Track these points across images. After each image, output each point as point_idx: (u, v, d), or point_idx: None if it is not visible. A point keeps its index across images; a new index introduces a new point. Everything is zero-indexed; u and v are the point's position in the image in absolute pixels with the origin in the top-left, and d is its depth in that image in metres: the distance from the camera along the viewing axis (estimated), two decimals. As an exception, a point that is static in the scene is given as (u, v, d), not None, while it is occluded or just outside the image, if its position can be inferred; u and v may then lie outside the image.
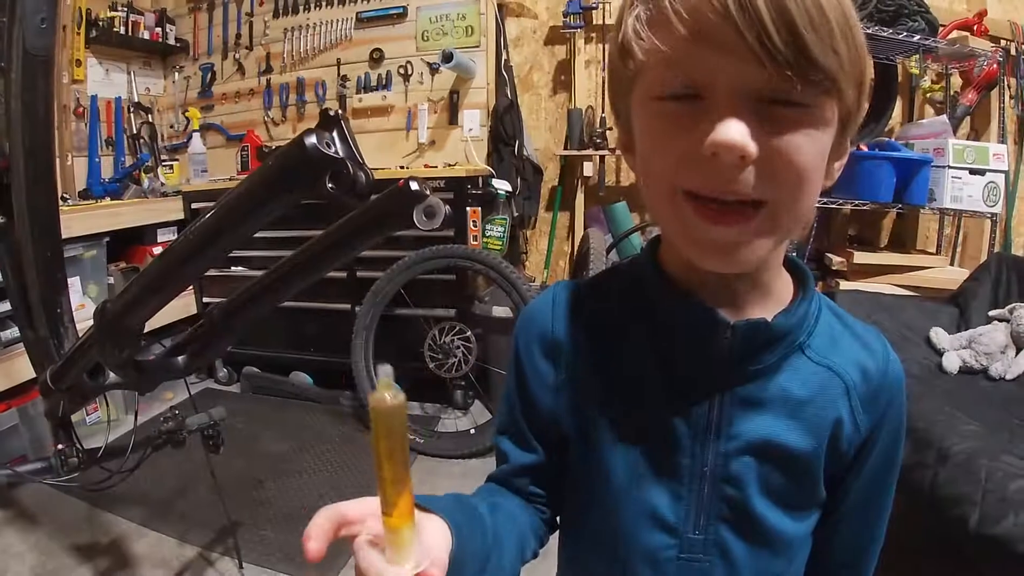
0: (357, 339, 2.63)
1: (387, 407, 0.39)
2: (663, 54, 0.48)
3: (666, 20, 0.46)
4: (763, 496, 0.58)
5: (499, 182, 2.93)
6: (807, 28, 0.43)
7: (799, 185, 0.49)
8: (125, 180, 3.28)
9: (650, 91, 0.51)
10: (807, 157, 0.48)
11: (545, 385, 0.64)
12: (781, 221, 0.50)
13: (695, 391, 0.58)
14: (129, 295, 1.01)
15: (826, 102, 0.48)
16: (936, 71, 2.90)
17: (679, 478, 0.59)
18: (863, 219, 3.10)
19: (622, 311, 0.63)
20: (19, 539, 1.95)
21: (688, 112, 0.48)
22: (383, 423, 0.39)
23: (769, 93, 0.46)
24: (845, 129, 0.52)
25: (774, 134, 0.47)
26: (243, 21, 3.51)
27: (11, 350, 2.26)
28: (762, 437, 0.57)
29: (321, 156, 0.65)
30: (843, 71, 0.46)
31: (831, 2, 0.45)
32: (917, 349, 2.08)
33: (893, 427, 0.61)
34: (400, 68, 3.23)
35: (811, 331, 0.59)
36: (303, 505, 2.11)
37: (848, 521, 0.64)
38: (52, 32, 1.38)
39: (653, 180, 0.53)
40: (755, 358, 0.57)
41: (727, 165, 0.46)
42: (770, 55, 0.43)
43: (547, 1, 3.32)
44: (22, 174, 1.43)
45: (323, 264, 0.92)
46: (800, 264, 0.63)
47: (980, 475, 1.32)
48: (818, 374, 0.58)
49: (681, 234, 0.53)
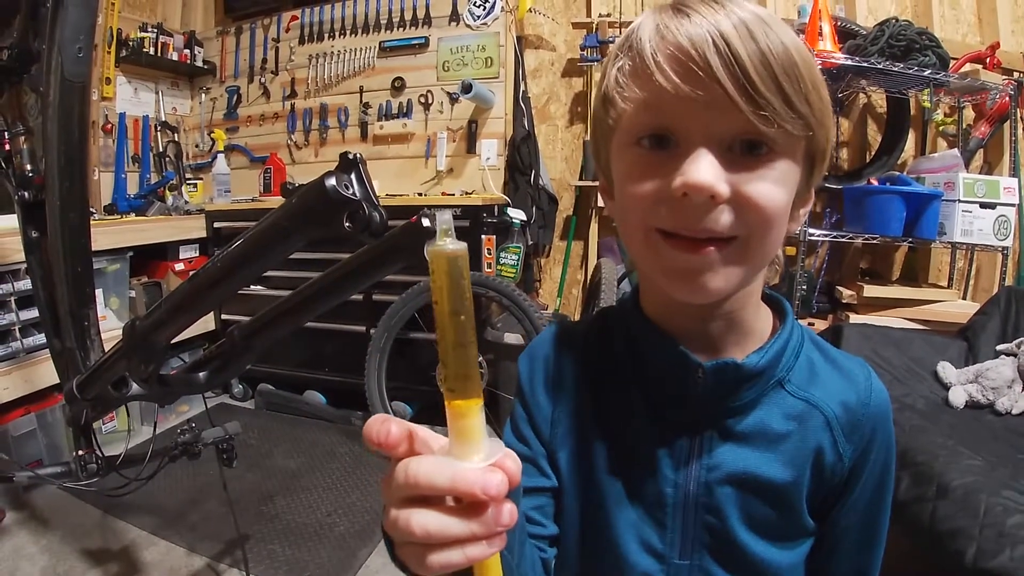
0: (371, 361, 2.67)
1: (449, 252, 0.35)
2: (642, 100, 0.52)
3: (648, 72, 0.50)
4: (744, 526, 0.60)
5: (514, 211, 2.98)
6: (785, 79, 0.48)
7: (766, 225, 0.52)
8: (150, 197, 3.37)
9: (628, 136, 0.54)
10: (774, 200, 0.51)
11: (544, 416, 0.67)
12: (749, 254, 0.53)
13: (677, 425, 0.61)
14: (158, 314, 1.06)
15: (796, 147, 0.52)
16: (949, 104, 2.91)
17: (663, 507, 0.61)
18: (875, 252, 3.10)
19: (614, 352, 0.67)
20: (31, 541, 1.99)
21: (663, 157, 0.52)
22: (444, 273, 0.35)
23: (742, 136, 0.50)
24: (810, 179, 0.57)
25: (743, 178, 0.50)
26: (269, 46, 3.63)
27: (32, 357, 2.32)
28: (741, 469, 0.59)
29: (340, 197, 0.71)
30: (815, 119, 0.51)
31: (804, 60, 0.50)
32: (923, 384, 2.09)
33: (881, 455, 0.62)
34: (421, 97, 3.31)
35: (790, 366, 0.61)
36: (312, 522, 2.14)
37: (841, 551, 0.64)
38: (88, 60, 1.45)
39: (629, 220, 0.56)
40: (733, 395, 0.59)
41: (697, 205, 0.49)
42: (753, 102, 0.47)
43: (565, 34, 3.39)
44: (56, 192, 1.48)
45: (341, 291, 0.97)
46: (777, 298, 0.66)
47: (979, 509, 1.33)
48: (797, 408, 0.60)
49: (655, 266, 0.56)
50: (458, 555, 0.35)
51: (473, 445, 0.35)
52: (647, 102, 0.51)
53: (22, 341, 2.31)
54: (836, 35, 2.52)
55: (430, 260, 0.35)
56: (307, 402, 3.13)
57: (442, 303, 0.35)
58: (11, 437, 2.26)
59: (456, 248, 0.34)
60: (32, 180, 1.60)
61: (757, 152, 0.51)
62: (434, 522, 0.34)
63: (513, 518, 0.35)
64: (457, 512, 0.34)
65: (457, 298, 0.35)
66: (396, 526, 0.35)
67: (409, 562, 0.37)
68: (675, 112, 0.50)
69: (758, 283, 0.61)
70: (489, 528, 0.34)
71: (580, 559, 0.66)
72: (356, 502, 2.26)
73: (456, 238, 0.35)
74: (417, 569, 0.36)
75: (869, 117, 3.08)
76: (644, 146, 0.53)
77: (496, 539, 0.35)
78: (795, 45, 0.50)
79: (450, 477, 0.34)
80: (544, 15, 3.36)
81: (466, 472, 0.34)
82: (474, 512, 0.34)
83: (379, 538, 1.99)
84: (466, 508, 0.35)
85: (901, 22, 2.50)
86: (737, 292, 0.57)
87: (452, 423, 0.35)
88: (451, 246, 0.34)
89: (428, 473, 0.34)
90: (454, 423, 0.35)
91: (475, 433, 0.35)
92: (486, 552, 0.35)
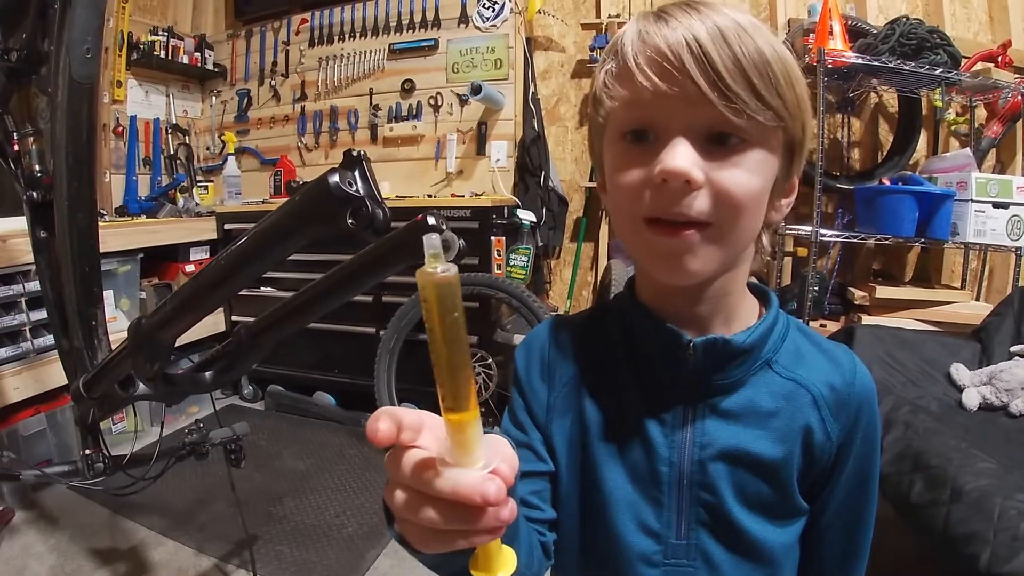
0: (380, 362, 2.68)
1: (438, 279, 0.34)
2: (626, 98, 0.57)
3: (631, 73, 0.55)
4: (739, 502, 0.62)
5: (524, 212, 2.98)
6: (754, 75, 0.52)
7: (739, 210, 0.56)
8: (161, 199, 3.39)
9: (615, 132, 0.59)
10: (746, 187, 0.55)
11: (540, 403, 0.70)
12: (724, 238, 0.57)
13: (670, 403, 0.64)
14: (163, 312, 1.06)
15: (771, 136, 0.56)
16: (960, 103, 2.89)
17: (659, 486, 0.63)
18: (887, 253, 3.08)
19: (608, 338, 0.69)
20: (40, 540, 2.00)
21: (645, 149, 0.56)
22: (435, 299, 0.34)
23: (714, 128, 0.54)
24: (790, 169, 0.61)
25: (717, 166, 0.54)
26: (279, 49, 3.64)
27: (42, 357, 2.34)
28: (733, 445, 0.62)
29: (343, 194, 0.70)
30: (787, 112, 0.55)
31: (775, 57, 0.54)
32: (937, 386, 2.06)
33: (867, 436, 0.65)
34: (430, 99, 3.32)
35: (777, 348, 0.65)
36: (320, 523, 2.14)
37: (829, 534, 0.66)
38: (97, 61, 1.45)
39: (619, 211, 0.60)
40: (722, 372, 0.62)
41: (675, 190, 0.54)
42: (724, 95, 0.52)
43: (574, 36, 3.39)
44: (64, 192, 1.48)
45: (347, 290, 0.96)
46: (763, 288, 0.69)
47: (993, 513, 1.31)
48: (785, 387, 0.63)
49: (642, 252, 0.61)
50: (461, 540, 0.37)
51: (472, 454, 0.36)
52: (630, 100, 0.56)
53: (32, 341, 2.33)
54: (846, 34, 2.50)
55: (420, 286, 0.34)
56: (316, 403, 3.14)
57: (434, 330, 0.35)
58: (21, 437, 2.28)
59: (446, 275, 0.34)
60: (41, 180, 1.60)
61: (730, 142, 0.54)
62: (438, 516, 0.36)
63: (513, 514, 0.36)
64: (460, 507, 0.36)
65: (449, 325, 0.35)
66: (400, 510, 0.38)
67: (410, 539, 0.40)
68: (654, 108, 0.55)
69: (742, 270, 0.64)
70: (489, 524, 0.36)
71: (580, 542, 0.68)
72: (365, 504, 2.26)
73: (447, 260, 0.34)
74: (418, 546, 0.40)
75: (881, 117, 3.06)
76: (628, 140, 0.58)
77: (496, 531, 0.37)
78: (768, 46, 0.54)
79: (452, 485, 0.35)
80: (553, 16, 3.37)
81: (466, 480, 0.35)
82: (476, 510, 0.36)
83: (388, 540, 2.00)
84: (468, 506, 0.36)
85: (912, 20, 2.49)
86: (719, 275, 0.61)
87: (451, 435, 0.36)
88: (441, 271, 0.34)
89: (431, 480, 0.36)
90: (453, 435, 0.36)
91: (473, 443, 0.36)
92: (486, 539, 0.37)
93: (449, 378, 0.35)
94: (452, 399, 0.35)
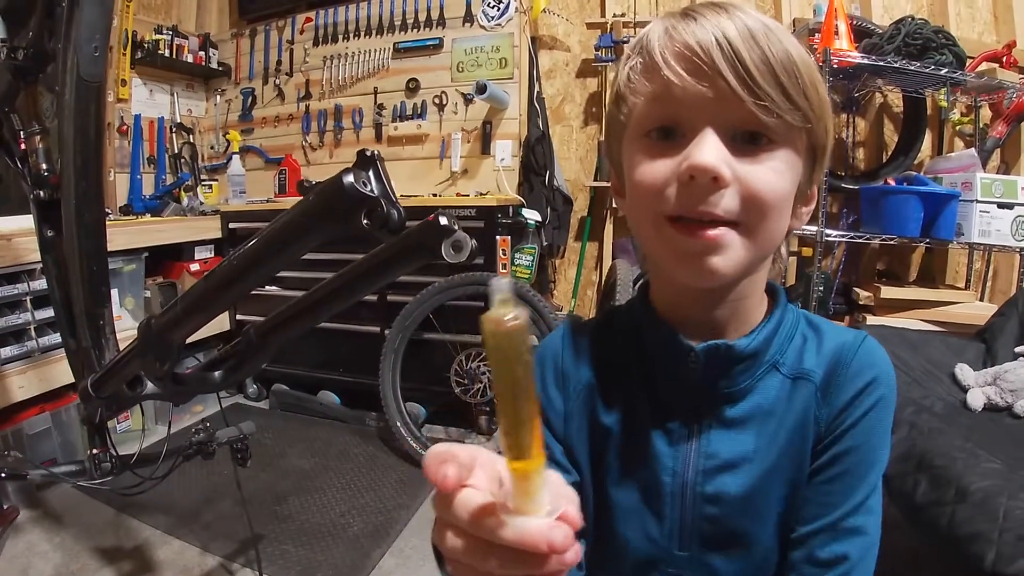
0: (385, 361, 2.67)
1: (507, 329, 0.31)
2: (651, 94, 0.55)
3: (657, 68, 0.54)
4: (747, 515, 0.61)
5: (529, 212, 2.97)
6: (783, 75, 0.52)
7: (767, 210, 0.54)
8: (165, 197, 3.40)
9: (638, 130, 0.58)
10: (774, 187, 0.54)
11: (556, 412, 0.68)
12: (752, 239, 0.55)
13: (677, 413, 0.63)
14: (173, 312, 1.07)
15: (796, 138, 0.55)
16: (965, 104, 2.89)
17: (660, 497, 0.63)
18: (892, 253, 3.08)
19: (621, 344, 0.69)
20: (45, 538, 2.01)
21: (670, 146, 0.55)
22: (503, 350, 0.31)
23: (743, 126, 0.53)
24: (812, 174, 0.59)
25: (746, 164, 0.53)
26: (284, 48, 3.64)
27: (48, 356, 2.34)
28: (739, 455, 0.61)
29: (358, 194, 0.71)
30: (813, 113, 0.55)
31: (801, 59, 0.54)
32: (941, 386, 2.06)
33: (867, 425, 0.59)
34: (435, 98, 3.32)
35: (784, 348, 0.63)
36: (325, 522, 2.14)
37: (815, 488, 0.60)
38: (104, 60, 1.45)
39: (639, 211, 0.58)
40: (728, 379, 0.61)
41: (702, 187, 0.52)
42: (754, 94, 0.51)
43: (579, 35, 3.38)
44: (71, 191, 1.48)
45: (357, 290, 0.96)
46: (774, 286, 0.67)
47: (998, 513, 1.31)
48: (791, 386, 0.62)
49: (664, 253, 0.58)
50: None
51: (536, 500, 0.33)
52: (656, 95, 0.55)
53: (37, 340, 2.33)
54: (852, 34, 2.50)
55: (488, 334, 0.31)
56: (321, 402, 3.14)
57: (501, 381, 0.32)
58: (26, 435, 2.28)
59: (516, 323, 0.31)
60: (48, 179, 1.60)
61: (759, 142, 0.54)
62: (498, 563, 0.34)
63: (577, 557, 0.34)
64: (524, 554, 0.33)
65: (520, 378, 0.32)
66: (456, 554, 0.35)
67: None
68: (682, 104, 0.54)
69: (763, 274, 0.62)
70: (553, 569, 0.34)
71: (591, 546, 0.68)
72: (370, 503, 2.26)
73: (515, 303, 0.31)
74: None
75: (886, 117, 3.06)
76: (653, 137, 0.56)
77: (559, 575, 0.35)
78: (795, 48, 0.53)
79: (517, 535, 0.33)
80: (558, 16, 3.36)
81: (532, 527, 0.32)
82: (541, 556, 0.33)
83: (392, 539, 2.01)
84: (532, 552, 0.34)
85: (917, 20, 2.49)
86: (742, 278, 0.59)
87: (515, 482, 0.33)
88: (509, 320, 0.31)
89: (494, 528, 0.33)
90: (516, 483, 0.33)
91: (537, 491, 0.33)
92: None
93: (515, 431, 0.33)
94: (517, 449, 0.33)
